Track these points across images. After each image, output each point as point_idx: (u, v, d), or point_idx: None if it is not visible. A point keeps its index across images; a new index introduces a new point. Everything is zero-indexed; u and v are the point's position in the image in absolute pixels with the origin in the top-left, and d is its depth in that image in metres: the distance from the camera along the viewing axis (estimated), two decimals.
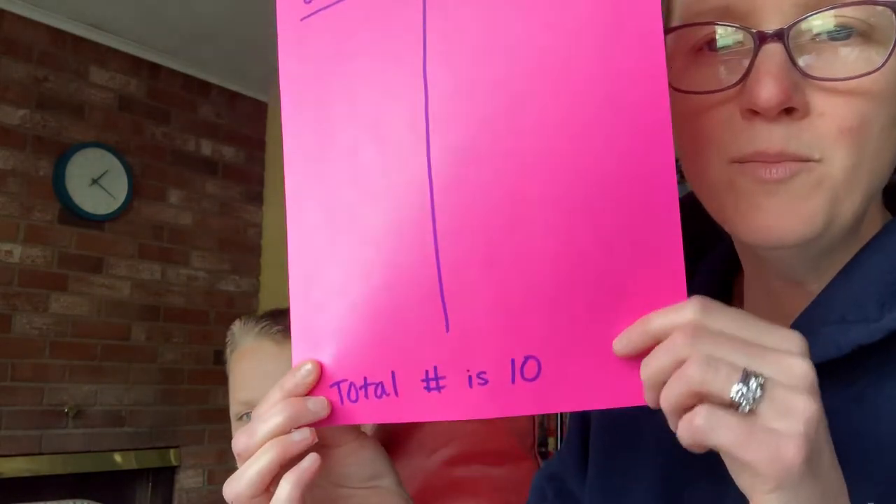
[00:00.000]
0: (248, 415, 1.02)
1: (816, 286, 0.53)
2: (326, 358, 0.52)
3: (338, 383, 0.51)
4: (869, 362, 0.49)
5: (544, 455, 3.44)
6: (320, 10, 0.53)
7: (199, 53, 3.37)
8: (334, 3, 0.52)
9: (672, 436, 0.40)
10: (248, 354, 1.05)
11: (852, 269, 0.52)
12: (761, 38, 0.47)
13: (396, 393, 0.49)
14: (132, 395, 3.18)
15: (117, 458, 3.10)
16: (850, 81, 0.47)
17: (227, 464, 3.31)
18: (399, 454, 1.06)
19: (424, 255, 0.48)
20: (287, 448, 0.50)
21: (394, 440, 1.06)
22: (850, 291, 0.51)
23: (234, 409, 1.04)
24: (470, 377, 0.46)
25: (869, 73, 0.46)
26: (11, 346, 2.85)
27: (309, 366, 0.52)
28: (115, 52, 3.25)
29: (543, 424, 3.68)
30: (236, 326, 1.09)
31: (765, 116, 0.47)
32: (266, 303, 3.64)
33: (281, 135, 0.56)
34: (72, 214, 3.06)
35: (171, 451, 3.28)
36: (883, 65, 0.46)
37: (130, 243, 3.24)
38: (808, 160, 0.48)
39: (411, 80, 0.49)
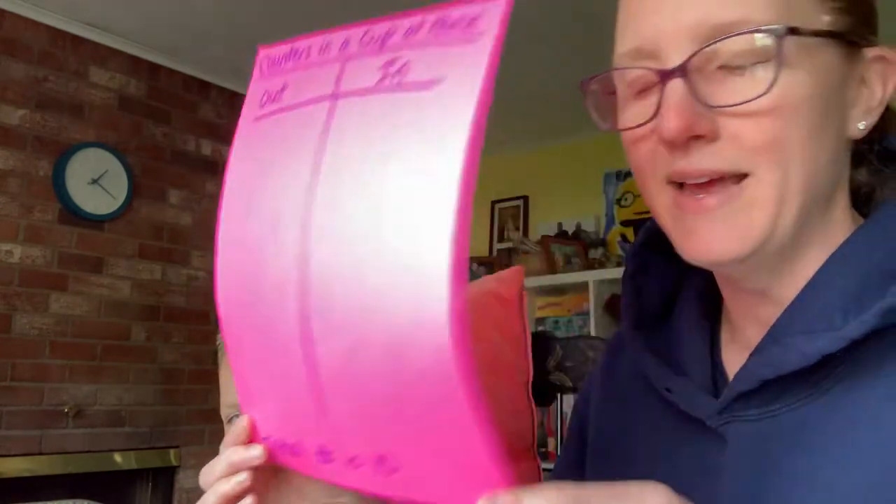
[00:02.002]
0: (237, 416, 1.02)
1: (781, 292, 0.55)
2: (258, 415, 0.58)
3: (266, 439, 0.57)
4: (839, 371, 0.50)
5: (544, 455, 3.44)
6: (268, 115, 0.58)
7: (199, 53, 3.36)
8: (276, 112, 0.57)
9: (668, 431, 0.40)
10: None
11: (819, 280, 0.53)
12: (663, 76, 0.50)
13: (306, 456, 0.54)
14: (132, 395, 3.18)
15: (117, 458, 3.10)
16: (751, 103, 0.48)
17: None
18: None
19: (294, 357, 0.51)
20: (227, 491, 0.56)
21: None
22: (817, 302, 0.52)
23: (223, 412, 1.05)
24: (350, 459, 0.50)
25: (758, 98, 0.48)
26: (11, 346, 2.85)
27: (244, 422, 0.58)
28: (115, 52, 3.25)
29: (543, 424, 3.68)
30: None
31: (675, 145, 0.50)
32: None
33: None
34: (72, 214, 3.06)
35: (171, 451, 3.28)
36: (770, 87, 0.48)
37: (130, 243, 3.24)
38: (740, 176, 0.50)
39: (305, 190, 0.52)
